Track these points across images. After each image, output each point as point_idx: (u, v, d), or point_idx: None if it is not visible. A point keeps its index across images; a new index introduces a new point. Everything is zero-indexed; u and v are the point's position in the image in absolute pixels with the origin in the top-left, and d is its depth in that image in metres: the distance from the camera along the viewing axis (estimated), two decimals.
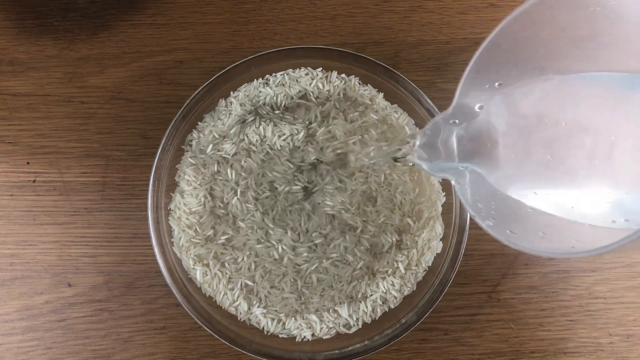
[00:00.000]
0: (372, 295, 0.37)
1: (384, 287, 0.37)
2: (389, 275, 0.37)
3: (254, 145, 0.38)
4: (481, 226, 0.26)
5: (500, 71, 0.28)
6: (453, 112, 0.28)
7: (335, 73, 0.38)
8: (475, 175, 0.29)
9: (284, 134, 0.38)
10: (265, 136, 0.38)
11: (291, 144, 0.38)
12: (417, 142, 0.30)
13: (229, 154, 0.38)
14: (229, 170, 0.37)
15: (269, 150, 0.38)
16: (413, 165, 0.31)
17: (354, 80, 0.38)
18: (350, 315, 0.37)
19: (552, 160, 0.28)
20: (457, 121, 0.29)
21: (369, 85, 0.38)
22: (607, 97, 0.27)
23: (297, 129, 0.38)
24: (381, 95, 0.38)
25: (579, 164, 0.27)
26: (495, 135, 0.29)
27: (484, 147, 0.29)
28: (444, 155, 0.29)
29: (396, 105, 0.38)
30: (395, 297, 0.37)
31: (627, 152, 0.26)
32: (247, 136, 0.38)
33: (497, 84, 0.28)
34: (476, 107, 0.29)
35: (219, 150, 0.38)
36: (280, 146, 0.38)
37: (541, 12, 0.24)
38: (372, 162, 0.35)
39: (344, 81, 0.38)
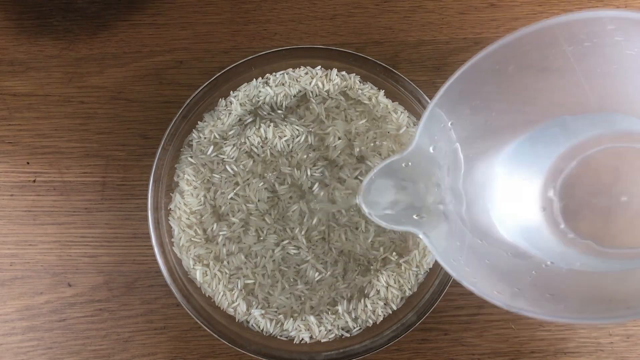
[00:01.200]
0: (372, 296, 0.37)
1: (385, 289, 0.36)
2: (389, 277, 0.37)
3: (255, 147, 0.38)
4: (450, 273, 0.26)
5: (454, 110, 0.28)
6: (409, 154, 0.28)
7: (335, 71, 0.38)
8: (437, 223, 0.29)
9: (285, 136, 0.38)
10: (266, 138, 0.38)
11: (291, 145, 0.38)
12: (361, 196, 0.28)
13: (231, 158, 0.38)
14: (229, 170, 0.37)
15: (270, 153, 0.38)
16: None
17: (354, 78, 0.38)
18: (349, 313, 0.36)
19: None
20: (410, 163, 0.28)
21: (368, 83, 0.38)
22: None
23: (298, 130, 0.38)
24: (382, 92, 0.38)
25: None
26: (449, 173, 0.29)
27: (442, 184, 0.29)
28: (404, 205, 0.29)
29: (397, 103, 0.38)
30: (396, 299, 0.37)
31: None
32: (249, 139, 0.37)
33: (450, 123, 0.28)
34: (430, 149, 0.29)
35: (220, 154, 0.38)
36: (282, 148, 0.38)
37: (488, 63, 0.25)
38: (339, 209, 0.35)
39: (344, 80, 0.38)
